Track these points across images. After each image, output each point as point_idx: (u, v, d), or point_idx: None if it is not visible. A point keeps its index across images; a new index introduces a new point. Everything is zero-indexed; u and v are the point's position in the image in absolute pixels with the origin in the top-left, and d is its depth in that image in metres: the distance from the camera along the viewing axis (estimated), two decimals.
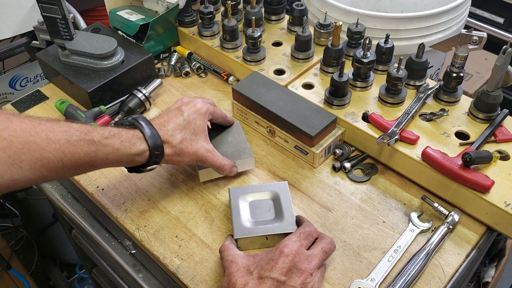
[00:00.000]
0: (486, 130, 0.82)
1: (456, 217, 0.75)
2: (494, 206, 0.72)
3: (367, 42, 0.87)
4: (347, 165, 0.85)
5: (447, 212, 0.76)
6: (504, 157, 0.79)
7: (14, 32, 1.36)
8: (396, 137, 0.80)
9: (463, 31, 0.81)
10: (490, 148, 0.79)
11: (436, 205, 0.77)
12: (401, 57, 0.86)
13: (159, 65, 1.12)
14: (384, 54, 0.94)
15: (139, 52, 1.04)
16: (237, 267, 0.65)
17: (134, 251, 0.84)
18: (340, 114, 0.87)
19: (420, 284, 0.69)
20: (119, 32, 1.10)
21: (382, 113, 0.86)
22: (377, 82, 0.93)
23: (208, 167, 0.81)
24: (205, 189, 0.84)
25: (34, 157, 0.60)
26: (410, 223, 0.77)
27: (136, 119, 0.73)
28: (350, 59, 0.97)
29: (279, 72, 0.99)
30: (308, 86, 0.96)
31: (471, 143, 0.80)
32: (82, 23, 1.39)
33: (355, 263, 0.72)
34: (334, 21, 0.92)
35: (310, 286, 0.63)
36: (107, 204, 0.83)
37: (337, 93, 0.87)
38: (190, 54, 1.12)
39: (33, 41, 1.16)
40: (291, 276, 0.62)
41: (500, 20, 1.79)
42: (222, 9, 1.15)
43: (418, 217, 0.77)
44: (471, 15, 1.82)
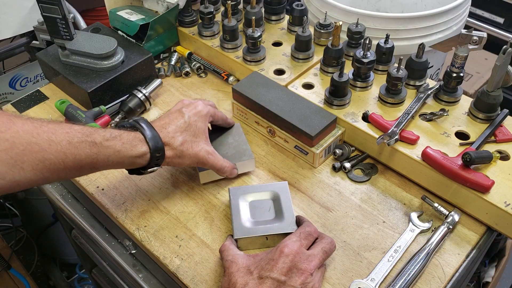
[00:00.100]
0: (486, 130, 0.82)
1: (456, 217, 0.76)
2: (494, 206, 0.72)
3: (367, 42, 0.87)
4: (347, 165, 0.85)
5: (447, 212, 0.76)
6: (504, 157, 0.79)
7: (14, 32, 1.36)
8: (396, 137, 0.80)
9: (463, 31, 0.81)
10: (490, 148, 0.79)
11: (436, 205, 0.77)
12: (401, 57, 0.86)
13: (159, 65, 1.12)
14: (384, 54, 0.94)
15: (139, 52, 1.04)
16: (237, 267, 0.65)
17: (134, 251, 0.84)
18: (340, 114, 0.87)
19: (420, 284, 0.69)
20: (119, 32, 1.10)
21: (382, 113, 0.86)
22: (377, 82, 0.93)
23: (209, 169, 0.81)
24: (205, 189, 0.84)
25: (36, 159, 0.61)
26: (410, 223, 0.77)
27: (137, 121, 0.73)
28: (350, 59, 0.97)
29: (279, 72, 0.99)
30: (308, 86, 0.96)
31: (471, 143, 0.80)
32: (82, 23, 1.39)
33: (355, 263, 0.72)
34: (334, 21, 0.92)
35: (311, 286, 0.63)
36: (107, 204, 0.83)
37: (337, 93, 0.87)
38: (190, 54, 1.12)
39: (33, 41, 1.16)
40: (291, 276, 0.62)
41: (500, 20, 1.79)
42: (222, 9, 1.15)
43: (418, 217, 0.77)
44: (471, 15, 1.82)
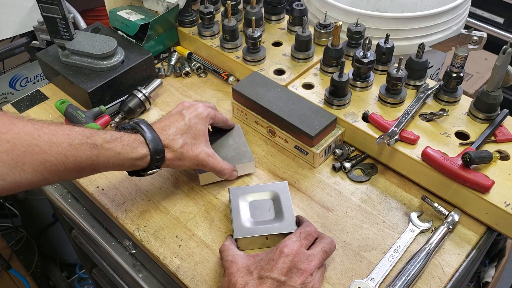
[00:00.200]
0: (486, 130, 0.82)
1: (456, 217, 0.75)
2: (494, 206, 0.72)
3: (367, 42, 0.87)
4: (347, 165, 0.85)
5: (447, 212, 0.76)
6: (504, 157, 0.79)
7: (14, 32, 1.36)
8: (396, 137, 0.80)
9: (463, 31, 0.81)
10: (490, 148, 0.79)
11: (436, 205, 0.77)
12: (401, 57, 0.86)
13: (159, 65, 1.12)
14: (384, 54, 0.94)
15: (139, 52, 1.04)
16: (237, 267, 0.65)
17: (134, 251, 0.84)
18: (340, 114, 0.87)
19: (420, 284, 0.69)
20: (119, 32, 1.10)
21: (382, 113, 0.86)
22: (377, 82, 0.93)
23: (209, 171, 0.81)
24: (205, 189, 0.84)
25: (37, 160, 0.61)
26: (410, 223, 0.77)
27: (138, 123, 0.73)
28: (350, 59, 0.97)
29: (279, 72, 0.99)
30: (308, 86, 0.96)
31: (471, 143, 0.80)
32: (82, 23, 1.39)
33: (355, 263, 0.72)
34: (334, 21, 0.92)
35: (310, 286, 0.63)
36: (107, 204, 0.83)
37: (337, 93, 0.87)
38: (190, 54, 1.12)
39: (33, 41, 1.16)
40: (291, 276, 0.62)
41: (500, 20, 1.79)
42: (222, 9, 1.15)
43: (418, 217, 0.77)
44: (471, 15, 1.82)
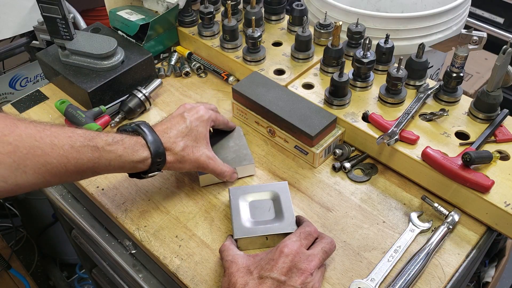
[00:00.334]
0: (486, 130, 0.82)
1: (456, 217, 0.75)
2: (494, 206, 0.72)
3: (367, 42, 0.87)
4: (347, 165, 0.85)
5: (447, 212, 0.76)
6: (504, 157, 0.79)
7: (14, 32, 1.36)
8: (396, 137, 0.80)
9: (463, 31, 0.81)
10: (490, 148, 0.79)
11: (436, 205, 0.77)
12: (401, 57, 0.86)
13: (159, 65, 1.12)
14: (384, 54, 0.94)
15: (139, 52, 1.04)
16: (237, 267, 0.65)
17: (134, 251, 0.84)
18: (340, 114, 0.87)
19: (420, 284, 0.69)
20: (119, 32, 1.10)
21: (382, 113, 0.86)
22: (377, 82, 0.93)
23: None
24: (205, 189, 0.84)
25: (39, 162, 0.61)
26: (410, 223, 0.77)
27: (139, 126, 0.74)
28: (350, 59, 0.97)
29: (279, 72, 0.99)
30: (308, 86, 0.96)
31: (471, 143, 0.80)
32: (82, 23, 1.39)
33: (355, 263, 0.72)
34: (334, 21, 0.92)
35: (311, 286, 0.63)
36: (107, 204, 0.83)
37: (337, 93, 0.87)
38: (190, 54, 1.12)
39: (33, 41, 1.16)
40: (291, 276, 0.62)
41: (500, 20, 1.79)
42: (222, 9, 1.15)
43: (418, 217, 0.77)
44: (471, 15, 1.82)
